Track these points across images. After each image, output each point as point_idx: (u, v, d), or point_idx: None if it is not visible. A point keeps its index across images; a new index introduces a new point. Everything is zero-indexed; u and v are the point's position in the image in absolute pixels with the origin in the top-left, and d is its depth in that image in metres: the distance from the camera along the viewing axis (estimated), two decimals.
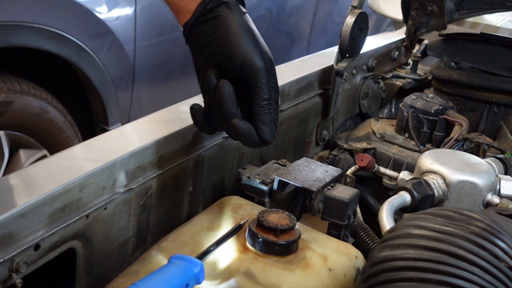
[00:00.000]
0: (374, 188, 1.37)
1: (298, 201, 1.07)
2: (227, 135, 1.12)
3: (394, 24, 3.94)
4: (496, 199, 1.03)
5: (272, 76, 0.95)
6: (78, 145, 0.95)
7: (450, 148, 1.29)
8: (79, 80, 2.39)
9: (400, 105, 1.50)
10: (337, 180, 1.06)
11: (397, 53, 1.82)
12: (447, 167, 1.04)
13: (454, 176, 1.03)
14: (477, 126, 1.60)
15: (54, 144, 2.30)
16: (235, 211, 0.95)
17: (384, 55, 1.77)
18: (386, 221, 0.93)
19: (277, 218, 0.84)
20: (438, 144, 1.39)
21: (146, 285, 0.68)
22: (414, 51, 1.88)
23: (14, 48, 2.06)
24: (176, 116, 1.07)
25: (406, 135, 1.48)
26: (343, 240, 0.99)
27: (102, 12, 2.29)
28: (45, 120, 2.23)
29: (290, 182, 1.00)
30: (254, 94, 0.92)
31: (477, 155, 1.31)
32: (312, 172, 1.05)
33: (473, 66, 1.72)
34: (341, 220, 0.98)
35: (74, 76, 2.39)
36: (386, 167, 1.37)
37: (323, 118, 1.50)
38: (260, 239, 0.82)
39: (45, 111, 2.22)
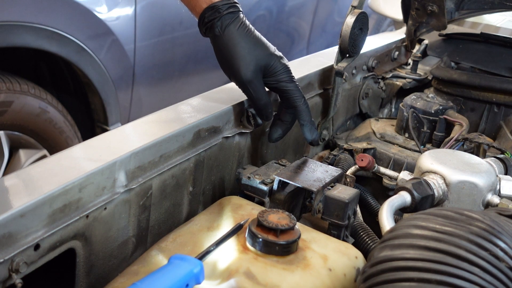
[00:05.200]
0: (374, 188, 1.37)
1: (298, 201, 1.07)
2: (228, 135, 1.13)
3: (394, 24, 3.94)
4: (496, 199, 1.03)
5: (270, 73, 1.09)
6: (78, 145, 0.95)
7: (450, 148, 1.29)
8: (79, 80, 2.39)
9: (400, 105, 1.50)
10: (337, 180, 1.06)
11: (397, 53, 1.82)
12: (447, 167, 1.04)
13: (454, 176, 1.03)
14: (477, 126, 1.60)
15: (54, 144, 2.30)
16: (235, 211, 0.95)
17: (384, 55, 1.77)
18: (386, 221, 0.93)
19: (277, 218, 0.84)
20: (438, 144, 1.39)
21: (146, 285, 0.68)
22: (414, 51, 1.88)
23: (14, 48, 2.06)
24: (176, 116, 1.07)
25: (406, 135, 1.48)
26: (343, 240, 0.99)
27: (102, 12, 2.29)
28: (45, 120, 2.23)
29: (290, 182, 1.01)
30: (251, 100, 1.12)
31: (477, 155, 1.31)
32: (312, 172, 1.05)
33: (473, 66, 1.72)
34: (341, 220, 0.98)
35: (74, 76, 2.39)
36: (386, 167, 1.37)
37: (323, 118, 1.50)
38: (260, 239, 0.82)
39: (45, 111, 2.22)
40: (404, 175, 1.17)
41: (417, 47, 1.91)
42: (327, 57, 1.54)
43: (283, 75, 1.10)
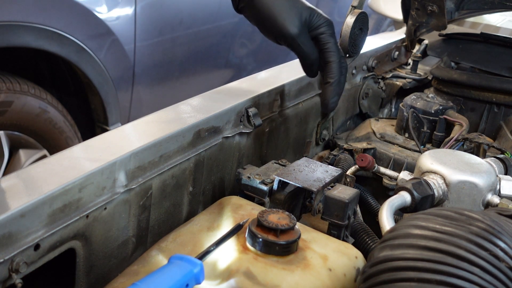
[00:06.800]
0: (374, 188, 1.37)
1: (298, 201, 1.07)
2: (228, 135, 1.13)
3: (394, 24, 3.94)
4: (496, 199, 1.03)
5: (313, 26, 1.06)
6: (78, 145, 0.95)
7: (450, 148, 1.29)
8: (79, 80, 2.39)
9: (400, 105, 1.50)
10: (337, 180, 1.06)
11: (397, 53, 1.83)
12: (447, 167, 1.04)
13: (454, 176, 1.03)
14: (477, 126, 1.60)
15: (54, 144, 2.30)
16: (235, 211, 0.95)
17: (384, 55, 1.77)
18: (386, 221, 0.93)
19: (277, 218, 0.84)
20: (438, 144, 1.39)
21: (146, 285, 0.68)
22: (414, 51, 1.88)
23: (14, 48, 2.06)
24: (176, 116, 1.07)
25: (406, 135, 1.48)
26: (343, 240, 0.99)
27: (102, 12, 2.29)
28: (45, 120, 2.23)
29: (290, 182, 1.00)
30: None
31: (477, 155, 1.31)
32: (312, 172, 1.05)
33: (473, 66, 1.72)
34: (341, 220, 0.98)
35: (74, 76, 2.39)
36: (386, 167, 1.37)
37: (323, 118, 1.50)
38: (260, 239, 0.82)
39: (45, 111, 2.22)
40: (404, 175, 1.17)
41: (417, 47, 1.91)
42: None
43: (325, 28, 1.06)
